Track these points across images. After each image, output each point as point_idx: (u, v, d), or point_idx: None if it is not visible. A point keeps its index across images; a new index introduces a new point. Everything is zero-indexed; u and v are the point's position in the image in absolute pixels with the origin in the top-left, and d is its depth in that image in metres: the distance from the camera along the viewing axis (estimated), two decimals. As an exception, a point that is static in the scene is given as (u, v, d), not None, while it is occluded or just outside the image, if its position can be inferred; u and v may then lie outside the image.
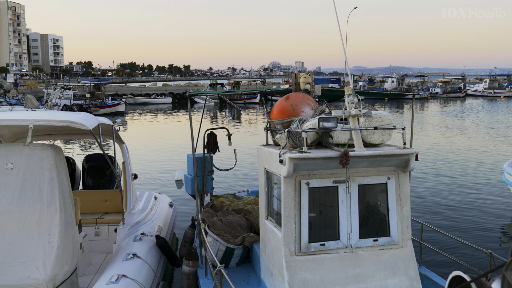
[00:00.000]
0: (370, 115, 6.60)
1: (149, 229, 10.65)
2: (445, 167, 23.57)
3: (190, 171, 10.43)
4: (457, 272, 4.85)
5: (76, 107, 53.53)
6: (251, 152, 25.53)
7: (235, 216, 9.53)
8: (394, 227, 6.84)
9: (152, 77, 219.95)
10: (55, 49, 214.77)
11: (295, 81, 8.19)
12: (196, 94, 9.93)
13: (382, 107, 65.19)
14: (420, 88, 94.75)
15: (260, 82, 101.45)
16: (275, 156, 6.70)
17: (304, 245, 6.54)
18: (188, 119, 9.51)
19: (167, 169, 23.42)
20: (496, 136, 35.91)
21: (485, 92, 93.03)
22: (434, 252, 9.01)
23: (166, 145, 32.14)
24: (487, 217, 15.41)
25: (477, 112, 58.54)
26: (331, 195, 6.64)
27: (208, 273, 8.73)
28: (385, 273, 6.64)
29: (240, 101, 73.42)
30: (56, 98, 54.97)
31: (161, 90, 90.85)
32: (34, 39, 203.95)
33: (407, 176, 6.90)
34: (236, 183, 19.77)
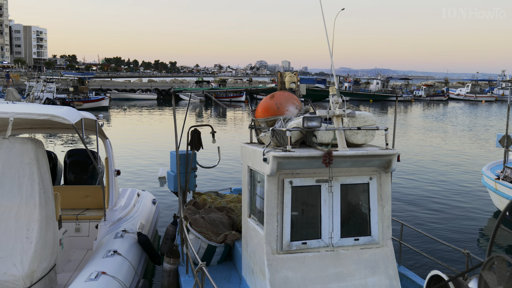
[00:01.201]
0: (354, 115, 6.64)
1: (131, 226, 10.57)
2: (426, 169, 23.82)
3: (173, 168, 10.38)
4: (435, 272, 4.93)
5: (59, 101, 52.95)
6: (235, 150, 25.54)
7: (217, 213, 9.52)
8: (375, 227, 6.90)
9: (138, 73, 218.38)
10: (38, 41, 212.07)
11: (281, 80, 8.21)
12: (181, 91, 9.89)
13: (367, 108, 65.64)
14: (404, 91, 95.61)
15: (247, 80, 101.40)
16: (259, 154, 6.71)
17: (286, 244, 6.56)
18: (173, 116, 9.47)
19: (150, 166, 23.31)
20: (476, 139, 36.37)
21: (467, 96, 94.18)
22: (414, 251, 9.11)
23: (150, 142, 31.98)
24: (466, 218, 15.61)
25: (458, 116, 59.20)
26: (314, 194, 6.67)
27: (189, 271, 8.70)
28: (365, 272, 6.69)
29: (225, 99, 73.30)
30: (39, 91, 54.35)
31: (147, 86, 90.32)
32: (17, 30, 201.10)
33: (388, 177, 6.97)
34: (219, 181, 19.75)
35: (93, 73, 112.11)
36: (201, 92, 10.15)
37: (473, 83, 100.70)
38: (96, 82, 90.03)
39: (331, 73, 7.27)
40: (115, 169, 11.62)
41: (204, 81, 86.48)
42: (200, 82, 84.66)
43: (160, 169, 21.01)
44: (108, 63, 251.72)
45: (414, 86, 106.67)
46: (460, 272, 4.64)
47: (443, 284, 4.81)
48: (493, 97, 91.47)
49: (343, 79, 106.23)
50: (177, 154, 9.48)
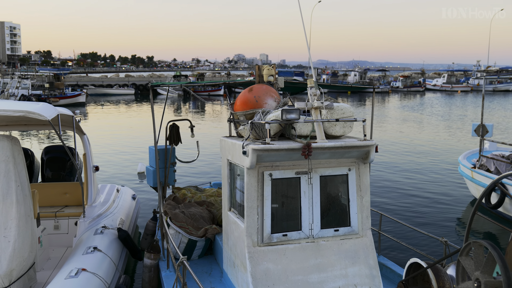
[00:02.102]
0: (332, 107, 6.68)
1: (110, 222, 10.51)
2: (404, 159, 24.11)
3: (152, 163, 10.33)
4: (414, 259, 5.01)
5: (35, 98, 52.18)
6: (214, 144, 25.50)
7: (197, 208, 9.51)
8: (354, 217, 6.97)
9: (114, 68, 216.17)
10: (12, 37, 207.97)
11: (259, 73, 8.21)
12: (158, 85, 9.83)
13: (345, 100, 66.08)
14: (382, 82, 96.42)
15: (225, 74, 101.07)
16: (238, 148, 6.72)
17: (266, 236, 6.59)
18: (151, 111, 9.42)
19: (129, 161, 23.14)
20: (452, 129, 36.91)
21: (443, 87, 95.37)
22: (393, 241, 9.24)
23: (129, 137, 31.73)
24: (443, 207, 15.87)
25: (435, 106, 59.98)
26: (294, 186, 6.71)
27: (170, 266, 8.69)
28: (346, 262, 6.77)
29: (204, 93, 73.02)
30: (13, 88, 53.47)
31: (124, 81, 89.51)
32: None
33: (367, 168, 7.04)
34: (199, 175, 19.71)
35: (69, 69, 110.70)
36: (179, 86, 10.10)
37: (449, 73, 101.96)
38: (72, 77, 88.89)
39: (309, 65, 7.31)
40: (93, 165, 11.52)
41: (182, 75, 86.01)
42: (178, 77, 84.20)
43: (139, 165, 20.89)
44: (84, 59, 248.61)
45: (391, 77, 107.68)
46: (438, 259, 4.73)
47: (422, 271, 4.89)
48: (469, 87, 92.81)
49: (321, 71, 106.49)
50: (155, 149, 9.44)
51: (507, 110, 53.78)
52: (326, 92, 6.93)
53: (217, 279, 8.17)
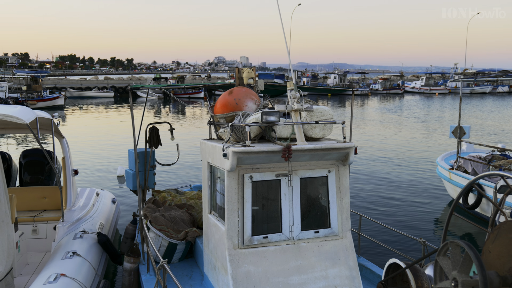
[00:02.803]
0: (311, 109, 6.73)
1: (90, 226, 10.42)
2: (383, 161, 24.34)
3: (131, 166, 10.27)
4: (393, 260, 5.07)
5: (12, 101, 51.38)
6: (194, 146, 25.43)
7: (177, 211, 9.48)
8: (334, 219, 7.02)
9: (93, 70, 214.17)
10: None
11: (239, 76, 8.23)
12: (138, 88, 9.78)
13: (325, 102, 66.46)
14: (361, 85, 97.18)
15: (205, 76, 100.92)
16: (219, 150, 6.73)
17: (247, 238, 6.60)
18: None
19: (109, 165, 22.95)
20: (430, 131, 37.37)
21: (422, 89, 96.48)
22: (372, 242, 9.32)
23: (108, 140, 31.46)
24: (422, 208, 16.06)
25: (413, 108, 60.67)
26: (274, 189, 6.74)
27: (150, 269, 8.65)
28: (326, 264, 6.81)
29: (184, 96, 72.75)
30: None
31: (103, 84, 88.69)
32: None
33: (346, 169, 7.10)
34: (179, 178, 19.64)
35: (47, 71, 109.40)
36: (159, 89, 10.06)
37: (427, 76, 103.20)
38: (51, 80, 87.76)
39: (289, 68, 7.35)
40: (72, 168, 11.41)
41: (162, 77, 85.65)
42: (158, 79, 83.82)
43: (119, 168, 20.73)
44: (62, 61, 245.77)
45: (370, 80, 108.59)
46: (417, 259, 4.79)
47: (401, 272, 4.95)
48: (447, 89, 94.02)
49: (301, 74, 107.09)
50: (135, 152, 9.39)
51: (484, 112, 54.66)
52: (306, 94, 6.99)
53: (198, 282, 8.15)
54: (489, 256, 4.16)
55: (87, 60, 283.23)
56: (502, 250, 4.02)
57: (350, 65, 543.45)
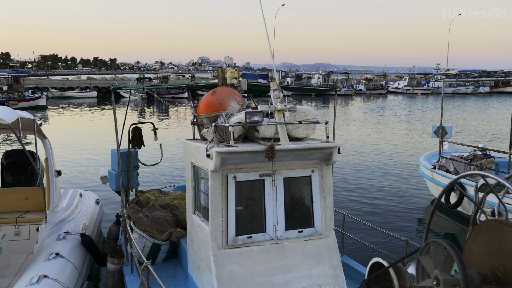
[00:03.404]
0: (295, 109, 6.75)
1: (73, 227, 10.34)
2: (366, 160, 24.50)
3: (114, 167, 10.21)
4: (376, 259, 5.11)
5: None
6: (178, 146, 25.35)
7: (161, 211, 9.45)
8: (318, 218, 7.06)
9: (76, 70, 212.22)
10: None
11: (222, 76, 8.23)
12: (121, 88, 9.73)
13: (309, 103, 66.69)
14: (345, 85, 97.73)
15: (189, 76, 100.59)
16: (202, 151, 6.72)
17: (231, 238, 6.60)
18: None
19: (93, 165, 22.76)
20: (413, 131, 37.71)
21: (405, 89, 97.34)
22: (356, 241, 9.38)
23: (92, 141, 31.20)
24: (404, 207, 16.20)
25: (396, 108, 61.17)
26: (258, 188, 6.75)
27: (134, 270, 8.60)
28: (310, 263, 6.84)
29: (168, 96, 72.48)
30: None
31: (86, 84, 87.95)
32: None
33: (330, 169, 7.14)
34: (162, 179, 19.55)
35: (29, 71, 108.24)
36: (142, 89, 10.02)
37: (410, 76, 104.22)
38: (32, 80, 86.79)
39: (273, 68, 7.37)
40: (55, 169, 11.30)
41: (145, 77, 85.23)
42: (141, 79, 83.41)
43: (102, 168, 20.58)
44: (44, 61, 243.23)
45: (354, 80, 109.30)
46: (399, 258, 4.84)
47: (384, 271, 4.99)
48: (429, 90, 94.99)
49: (285, 74, 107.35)
50: (118, 152, 9.33)
51: (466, 112, 55.32)
52: (291, 95, 7.02)
53: (182, 283, 8.14)
54: (470, 254, 4.21)
55: (69, 60, 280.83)
56: (482, 249, 4.08)
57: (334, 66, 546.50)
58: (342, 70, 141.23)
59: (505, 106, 63.76)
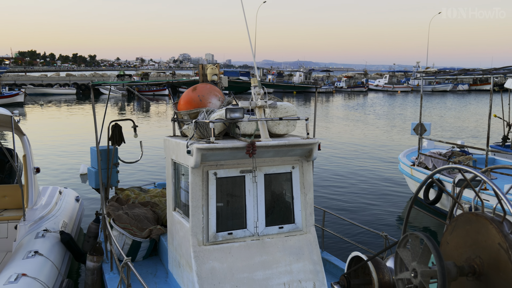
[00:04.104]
0: (275, 106, 6.78)
1: (52, 225, 10.24)
2: (347, 157, 24.67)
3: (94, 164, 10.13)
4: (355, 253, 5.17)
5: (-31, 98, 49.83)
6: (158, 144, 25.19)
7: (141, 209, 9.40)
8: (298, 214, 7.10)
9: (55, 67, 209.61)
10: None
11: (202, 72, 8.21)
12: (100, 84, 9.65)
13: (290, 100, 66.86)
14: (326, 82, 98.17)
15: (170, 73, 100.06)
16: (183, 147, 6.71)
17: (212, 235, 6.61)
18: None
19: (72, 163, 22.54)
20: (393, 128, 38.08)
21: (385, 87, 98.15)
22: (336, 237, 9.44)
23: (71, 138, 30.87)
24: (384, 203, 16.37)
25: (377, 106, 61.67)
26: (238, 185, 6.77)
27: (114, 268, 8.55)
28: (290, 259, 6.88)
29: (149, 93, 72.01)
30: None
31: (65, 81, 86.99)
32: None
33: (310, 165, 7.18)
34: (143, 176, 19.45)
35: (6, 67, 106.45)
36: (122, 85, 9.95)
37: (391, 74, 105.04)
38: (10, 76, 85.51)
39: (254, 65, 7.38)
40: (34, 166, 11.17)
41: (125, 74, 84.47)
42: (121, 76, 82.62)
43: (82, 166, 20.38)
44: (22, 57, 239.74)
45: (335, 77, 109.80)
46: (378, 252, 4.90)
47: (363, 264, 5.05)
48: (409, 87, 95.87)
49: (267, 71, 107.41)
50: (97, 150, 9.26)
51: (445, 109, 56.03)
52: (272, 92, 7.04)
53: (163, 280, 8.12)
54: (447, 247, 4.28)
55: (48, 56, 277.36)
56: (459, 241, 4.15)
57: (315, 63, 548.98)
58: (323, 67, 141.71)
59: (483, 104, 64.71)
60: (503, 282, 3.71)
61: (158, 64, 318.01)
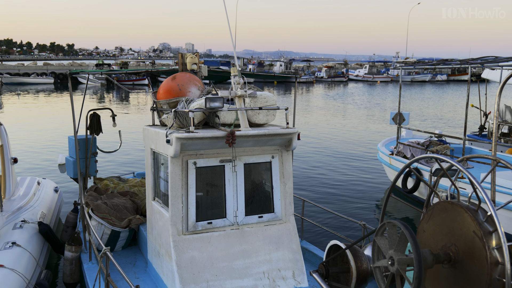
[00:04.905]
0: (255, 95, 6.77)
1: (31, 215, 10.13)
2: (326, 146, 24.81)
3: (72, 154, 10.02)
4: (334, 241, 5.22)
5: None
6: (137, 133, 25.01)
7: (120, 198, 9.35)
8: (278, 204, 7.13)
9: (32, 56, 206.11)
10: None
11: (182, 62, 8.16)
12: (78, 73, 9.51)
13: (271, 90, 66.85)
14: (306, 72, 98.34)
15: (149, 63, 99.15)
16: (162, 136, 6.67)
17: (191, 224, 6.60)
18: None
19: (51, 153, 22.26)
20: (372, 118, 38.36)
21: (365, 77, 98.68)
22: (315, 226, 9.51)
23: (50, 127, 30.48)
24: (363, 192, 16.52)
25: (356, 96, 62.02)
26: (218, 174, 6.76)
27: (92, 258, 8.50)
28: (270, 248, 6.92)
29: (128, 83, 71.34)
30: None
31: (42, 70, 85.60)
32: None
33: (289, 155, 7.21)
34: (122, 166, 19.31)
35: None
36: (100, 74, 9.84)
37: (370, 64, 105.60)
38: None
39: (234, 54, 7.35)
40: (11, 156, 11.01)
41: (104, 64, 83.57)
42: (100, 65, 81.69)
43: (60, 156, 20.13)
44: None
45: (315, 67, 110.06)
46: (356, 240, 4.95)
47: (341, 253, 5.10)
48: (389, 77, 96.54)
49: (247, 61, 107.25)
50: (75, 139, 9.15)
51: (424, 99, 56.59)
52: (253, 82, 7.03)
53: (142, 270, 8.10)
54: (424, 235, 4.35)
55: (25, 45, 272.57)
56: (435, 229, 4.21)
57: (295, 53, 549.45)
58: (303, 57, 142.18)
59: (461, 94, 65.52)
60: (477, 269, 3.78)
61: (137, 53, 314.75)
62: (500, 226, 3.59)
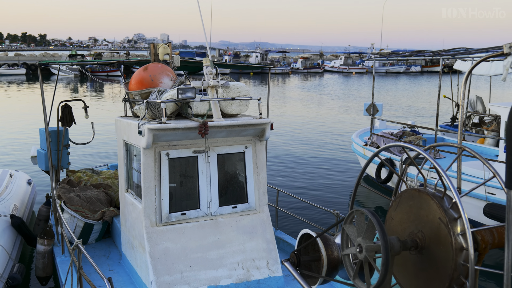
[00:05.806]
0: (228, 86, 6.77)
1: (3, 208, 10.01)
2: (301, 137, 24.96)
3: (43, 146, 9.89)
4: (305, 230, 5.27)
5: None
6: (110, 124, 24.75)
7: (93, 191, 9.28)
8: (252, 194, 7.16)
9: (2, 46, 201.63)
10: None
11: (154, 52, 8.09)
12: (48, 63, 9.37)
13: (247, 81, 66.77)
14: (282, 63, 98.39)
15: (124, 54, 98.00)
16: (134, 128, 6.63)
17: (165, 216, 6.60)
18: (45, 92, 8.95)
19: (23, 144, 21.90)
20: (346, 109, 38.66)
21: (340, 68, 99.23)
22: (289, 216, 9.58)
23: (22, 119, 29.97)
24: (337, 183, 16.70)
25: (331, 87, 62.39)
26: (191, 165, 6.76)
27: (65, 251, 8.43)
28: (244, 238, 6.96)
29: (102, 74, 70.45)
30: None
31: (13, 60, 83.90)
32: None
33: (263, 145, 7.24)
34: (95, 158, 19.12)
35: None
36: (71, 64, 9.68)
37: (346, 55, 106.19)
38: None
39: (207, 45, 7.33)
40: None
41: (78, 54, 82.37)
42: (74, 56, 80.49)
43: (32, 148, 19.73)
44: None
45: (291, 59, 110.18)
46: (326, 228, 5.01)
47: (312, 241, 5.15)
48: (364, 69, 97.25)
49: (223, 52, 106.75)
50: (46, 131, 9.03)
51: (398, 91, 57.22)
52: (229, 73, 7.02)
53: (116, 262, 8.07)
54: (392, 222, 4.43)
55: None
56: (403, 217, 4.30)
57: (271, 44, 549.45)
58: (279, 48, 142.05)
59: (434, 85, 66.40)
60: (443, 255, 3.87)
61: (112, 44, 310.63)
62: (464, 213, 3.67)
